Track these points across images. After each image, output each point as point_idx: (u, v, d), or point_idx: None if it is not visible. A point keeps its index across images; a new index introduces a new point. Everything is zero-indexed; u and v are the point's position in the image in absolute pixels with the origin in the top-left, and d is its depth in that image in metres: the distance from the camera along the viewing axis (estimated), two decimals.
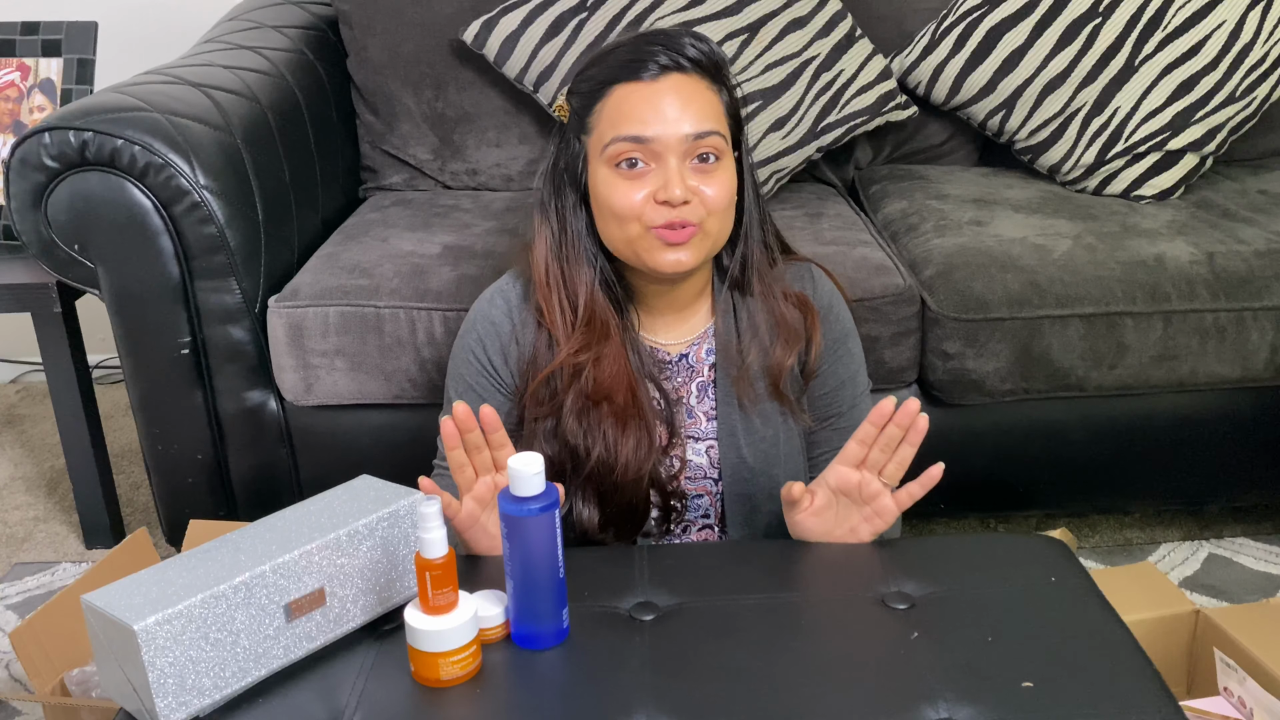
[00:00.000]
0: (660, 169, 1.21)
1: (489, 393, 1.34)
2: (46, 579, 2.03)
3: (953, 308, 1.76)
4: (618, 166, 1.22)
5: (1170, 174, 2.07)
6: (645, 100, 1.21)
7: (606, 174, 1.23)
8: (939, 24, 2.18)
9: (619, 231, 1.25)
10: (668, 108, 1.21)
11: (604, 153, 1.23)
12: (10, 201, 1.73)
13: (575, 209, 1.29)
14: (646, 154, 1.21)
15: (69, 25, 2.12)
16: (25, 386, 2.82)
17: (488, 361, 1.34)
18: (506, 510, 1.03)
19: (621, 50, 1.24)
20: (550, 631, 1.06)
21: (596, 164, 1.25)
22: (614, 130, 1.22)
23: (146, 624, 0.93)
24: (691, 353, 1.36)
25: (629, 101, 1.21)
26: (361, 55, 2.19)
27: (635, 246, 1.24)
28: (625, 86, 1.22)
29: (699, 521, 1.39)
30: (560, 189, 1.29)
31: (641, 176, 1.22)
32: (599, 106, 1.23)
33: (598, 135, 1.24)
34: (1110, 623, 1.09)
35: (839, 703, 0.98)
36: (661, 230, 1.22)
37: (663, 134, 1.20)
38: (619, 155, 1.22)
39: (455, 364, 1.37)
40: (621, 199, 1.22)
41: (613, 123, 1.22)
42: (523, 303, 1.34)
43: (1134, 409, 1.86)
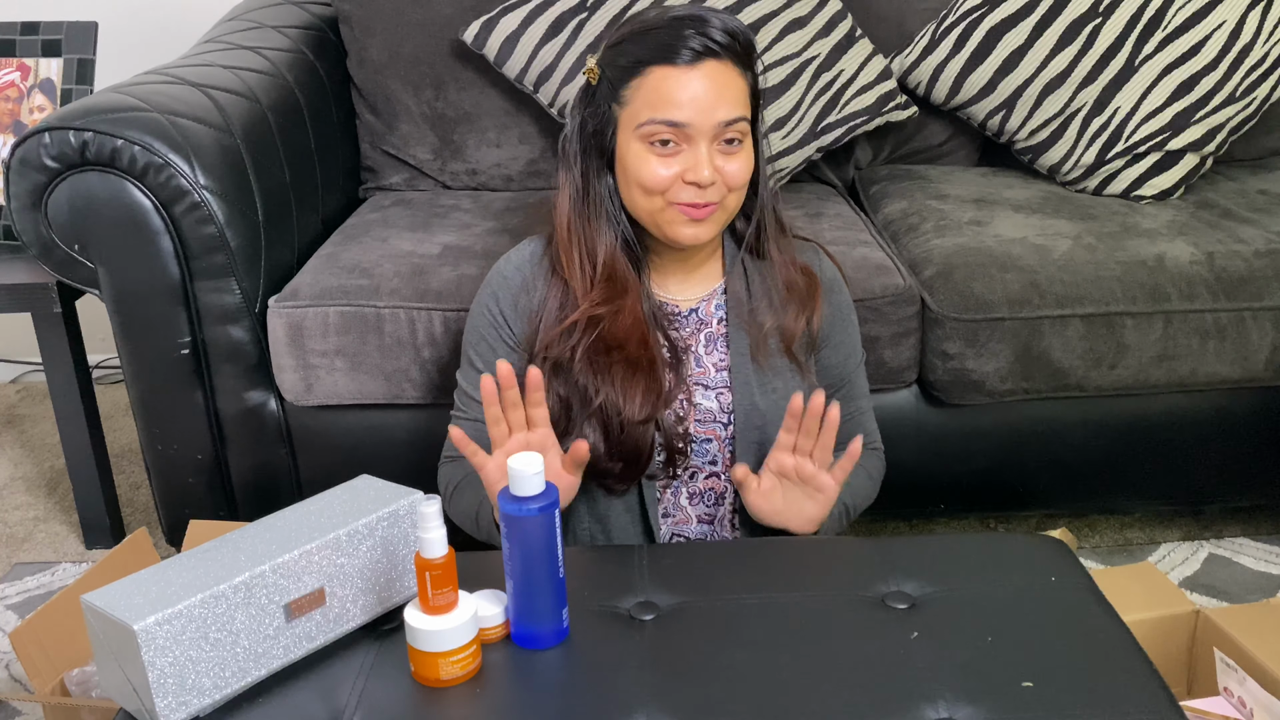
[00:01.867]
0: (690, 150, 1.28)
1: (498, 344, 1.40)
2: (46, 579, 2.03)
3: (953, 308, 1.76)
4: (650, 144, 1.28)
5: (1170, 174, 2.07)
6: (682, 86, 1.26)
7: (639, 149, 1.29)
8: (939, 24, 2.18)
9: (644, 202, 1.31)
10: (703, 95, 1.26)
11: (638, 129, 1.28)
12: (10, 201, 1.73)
13: (600, 172, 1.34)
14: (679, 135, 1.28)
15: (69, 25, 2.12)
16: (25, 386, 2.82)
17: (499, 314, 1.40)
18: (506, 510, 1.03)
19: (661, 31, 1.27)
20: (550, 631, 1.06)
21: (628, 136, 1.30)
22: (650, 111, 1.27)
23: (146, 624, 0.93)
24: (701, 307, 1.41)
25: (666, 85, 1.26)
26: (361, 55, 2.19)
27: (657, 218, 1.32)
28: (663, 69, 1.26)
29: (706, 469, 1.41)
30: (587, 150, 1.34)
31: (673, 155, 1.28)
32: (635, 83, 1.28)
33: (632, 111, 1.29)
34: (1110, 623, 1.09)
35: (839, 703, 0.98)
36: (685, 207, 1.29)
37: (696, 120, 1.26)
38: (653, 135, 1.28)
39: (471, 319, 1.43)
40: (651, 175, 1.29)
41: (649, 103, 1.27)
42: (536, 259, 1.40)
43: (1134, 409, 1.85)
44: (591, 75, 1.33)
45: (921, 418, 1.85)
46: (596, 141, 1.33)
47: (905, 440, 1.82)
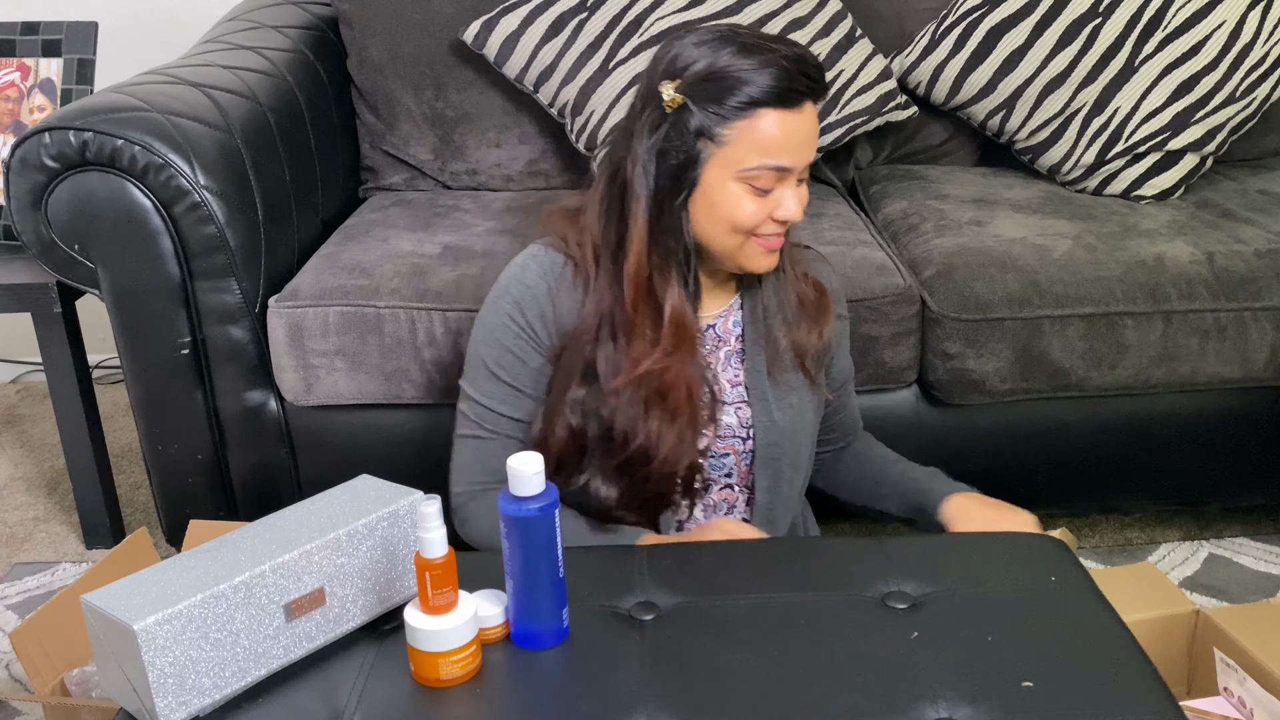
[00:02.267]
0: (781, 189, 1.27)
1: (528, 354, 1.35)
2: (46, 579, 2.03)
3: (953, 308, 1.76)
4: (751, 186, 1.26)
5: (1170, 174, 2.07)
6: (794, 131, 1.24)
7: (737, 190, 1.26)
8: (939, 24, 2.18)
9: (727, 239, 1.29)
10: (806, 138, 1.26)
11: (741, 172, 1.25)
12: (10, 201, 1.73)
13: (675, 206, 1.29)
14: (778, 178, 1.26)
15: (69, 25, 2.12)
16: (25, 386, 2.82)
17: (526, 325, 1.35)
18: (506, 510, 1.03)
19: (767, 71, 1.22)
20: (550, 631, 1.06)
21: (723, 175, 1.26)
22: (760, 157, 1.24)
23: (146, 624, 0.93)
24: (719, 324, 1.40)
25: (780, 130, 1.23)
26: (361, 55, 2.19)
27: (734, 252, 1.30)
28: (774, 113, 1.23)
29: (721, 481, 1.42)
30: (662, 182, 1.28)
31: (767, 197, 1.27)
32: (742, 124, 1.23)
33: (734, 152, 1.24)
34: (1110, 623, 1.09)
35: (839, 703, 0.98)
36: (766, 240, 1.29)
37: (799, 163, 1.26)
38: (756, 180, 1.25)
39: (488, 330, 1.37)
40: (747, 217, 1.27)
41: (760, 149, 1.24)
42: (557, 269, 1.35)
43: (1134, 409, 1.85)
44: (671, 104, 1.25)
45: (921, 418, 1.85)
46: (677, 174, 1.27)
47: (905, 440, 1.81)
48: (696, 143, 1.25)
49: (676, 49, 1.27)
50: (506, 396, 1.36)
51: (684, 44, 1.27)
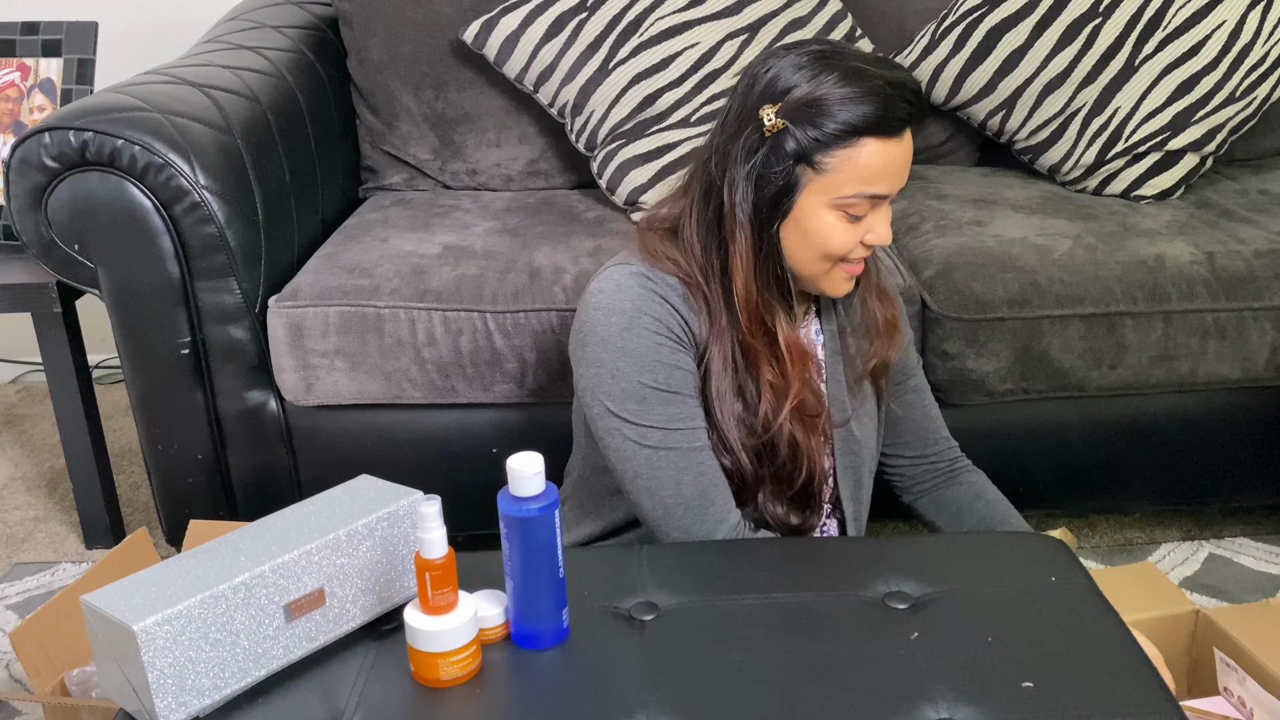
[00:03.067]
0: (875, 213, 1.26)
1: (686, 362, 1.29)
2: (46, 579, 2.03)
3: (953, 308, 1.76)
4: (847, 214, 1.24)
5: (1170, 174, 2.07)
6: (895, 159, 1.23)
7: (833, 217, 1.24)
8: (939, 24, 2.18)
9: (815, 265, 1.28)
10: (904, 166, 1.25)
11: (838, 200, 1.23)
12: (10, 201, 1.73)
13: (772, 233, 1.27)
14: (873, 205, 1.25)
15: (69, 25, 2.12)
16: (25, 386, 2.82)
17: (673, 335, 1.28)
18: (506, 510, 1.03)
19: (872, 98, 1.20)
20: (550, 631, 1.06)
21: (819, 201, 1.24)
22: (860, 185, 1.22)
23: (146, 624, 0.93)
24: (803, 334, 1.40)
25: (882, 159, 1.22)
26: (361, 55, 2.19)
27: (819, 277, 1.29)
28: (878, 142, 1.21)
29: None
30: (760, 207, 1.26)
31: (860, 223, 1.26)
32: (845, 152, 1.21)
33: (834, 180, 1.23)
34: (1110, 623, 1.09)
35: (839, 703, 0.98)
36: (851, 265, 1.28)
37: (894, 190, 1.25)
38: (853, 207, 1.24)
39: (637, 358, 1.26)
40: (842, 245, 1.26)
41: (861, 178, 1.22)
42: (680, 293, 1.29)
43: (1134, 409, 1.85)
44: (772, 129, 1.23)
45: None
46: (775, 200, 1.25)
47: None
48: (795, 168, 1.23)
49: (775, 69, 1.24)
50: (688, 410, 1.29)
51: (783, 65, 1.24)
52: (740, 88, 1.28)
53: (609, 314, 1.27)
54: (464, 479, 1.81)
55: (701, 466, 1.28)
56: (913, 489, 1.54)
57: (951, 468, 1.53)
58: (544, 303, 1.74)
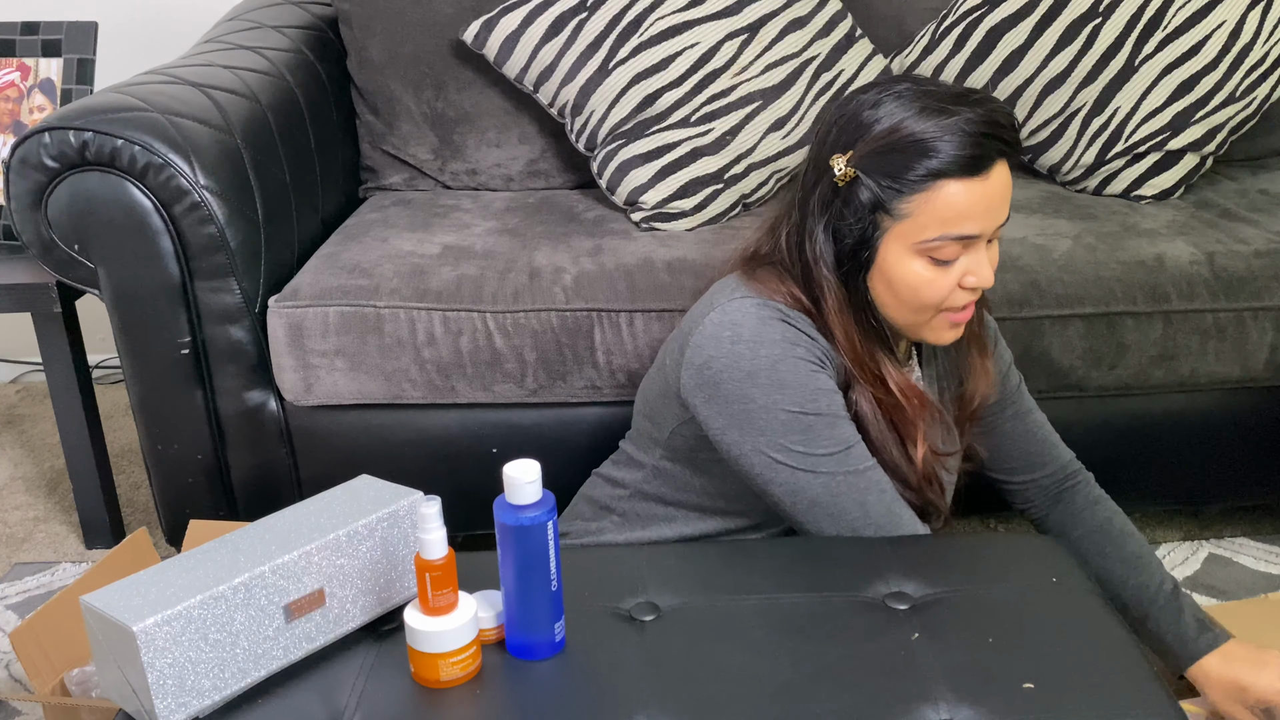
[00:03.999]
0: (970, 254, 1.20)
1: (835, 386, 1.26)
2: (46, 579, 2.03)
3: None
4: (932, 259, 1.19)
5: (1170, 174, 2.07)
6: (981, 199, 1.16)
7: (919, 264, 1.19)
8: (939, 24, 2.18)
9: (911, 315, 1.23)
10: (995, 204, 1.17)
11: (921, 245, 1.18)
12: (10, 201, 1.73)
13: (861, 283, 1.23)
14: (964, 246, 1.19)
15: (69, 25, 2.12)
16: (25, 386, 2.82)
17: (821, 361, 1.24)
18: (501, 519, 1.02)
19: (954, 141, 1.14)
20: (543, 643, 1.05)
21: (902, 248, 1.19)
22: (942, 228, 1.17)
23: (145, 625, 0.93)
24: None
25: (964, 200, 1.16)
26: (361, 55, 2.19)
27: (919, 327, 1.25)
28: (959, 183, 1.15)
29: None
30: (842, 258, 1.22)
31: (952, 266, 1.20)
32: (923, 196, 1.16)
33: (915, 225, 1.17)
34: (1110, 623, 1.09)
35: (839, 703, 0.98)
36: (955, 314, 1.23)
37: (987, 229, 1.19)
38: (939, 251, 1.19)
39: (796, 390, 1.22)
40: (934, 292, 1.20)
41: (942, 220, 1.16)
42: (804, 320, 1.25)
43: (1134, 409, 1.85)
44: (843, 179, 1.19)
45: None
46: (855, 250, 1.21)
47: None
48: (871, 217, 1.19)
49: (850, 112, 1.19)
50: (852, 431, 1.25)
51: (858, 105, 1.19)
52: (818, 135, 1.23)
53: (755, 347, 1.22)
54: (464, 479, 1.81)
55: (881, 484, 1.25)
56: (1031, 513, 1.55)
57: (1060, 486, 1.51)
58: (544, 303, 1.74)
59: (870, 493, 1.25)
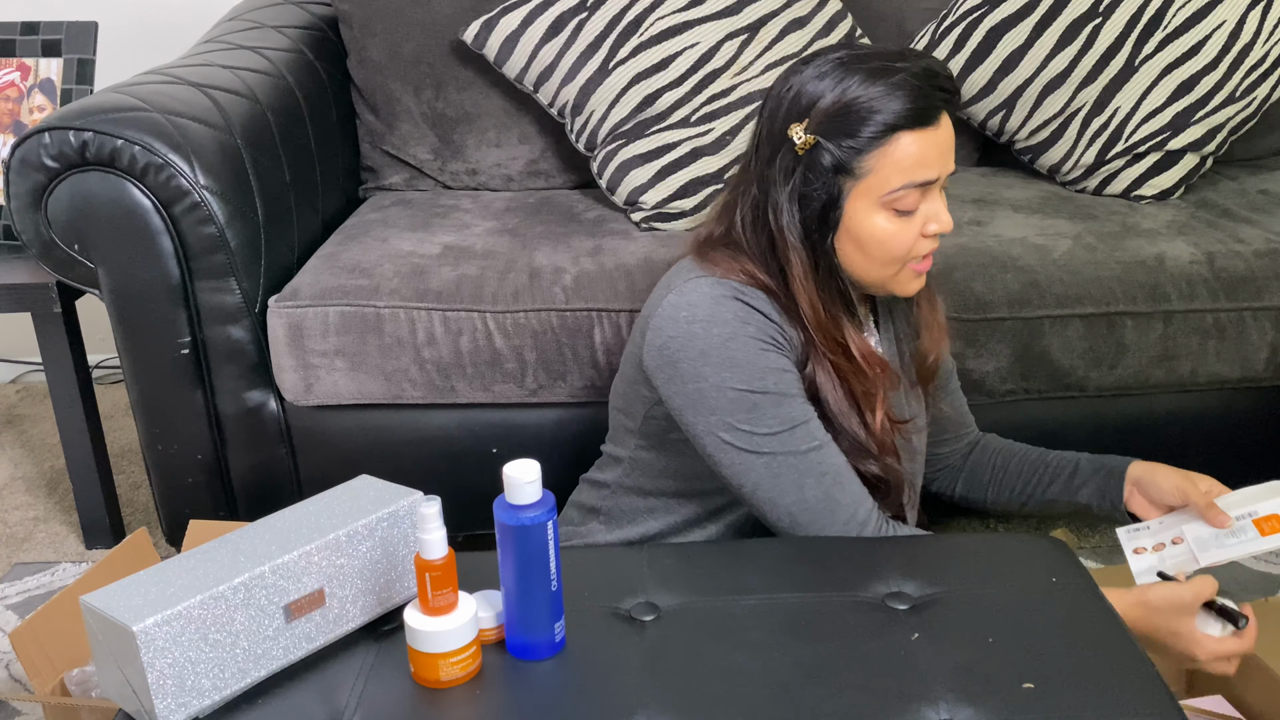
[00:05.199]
0: (927, 202, 1.25)
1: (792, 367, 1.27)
2: (46, 579, 2.03)
3: (953, 308, 1.76)
4: (895, 211, 1.24)
5: (1170, 174, 2.07)
6: (933, 145, 1.22)
7: (884, 218, 1.24)
8: (939, 24, 2.18)
9: (881, 270, 1.27)
10: (945, 149, 1.23)
11: (884, 198, 1.23)
12: (10, 201, 1.73)
13: (826, 249, 1.27)
14: (922, 194, 1.24)
15: (69, 25, 2.12)
16: (25, 386, 2.82)
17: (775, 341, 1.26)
18: (501, 519, 1.02)
19: (902, 96, 1.19)
20: (543, 643, 1.05)
21: (867, 205, 1.23)
22: (903, 177, 1.21)
23: (145, 625, 0.93)
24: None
25: (919, 148, 1.21)
26: (361, 55, 2.19)
27: (888, 281, 1.28)
28: (912, 134, 1.21)
29: None
30: (809, 225, 1.26)
31: (913, 216, 1.25)
32: (881, 151, 1.21)
33: (877, 180, 1.22)
34: (1110, 623, 1.09)
35: (839, 703, 0.98)
36: (919, 264, 1.27)
37: (942, 174, 1.24)
38: (901, 201, 1.23)
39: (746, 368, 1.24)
40: (901, 244, 1.25)
41: (901, 170, 1.21)
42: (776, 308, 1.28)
43: (1134, 409, 1.85)
44: (804, 147, 1.23)
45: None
46: (821, 215, 1.25)
47: None
48: (835, 180, 1.23)
49: (797, 85, 1.24)
50: (800, 409, 1.26)
51: (804, 79, 1.23)
52: (766, 110, 1.27)
53: (708, 327, 1.25)
54: (464, 479, 1.81)
55: (822, 466, 1.26)
56: (944, 477, 1.58)
57: (971, 447, 1.58)
58: (544, 303, 1.74)
59: (809, 476, 1.25)
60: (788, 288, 1.27)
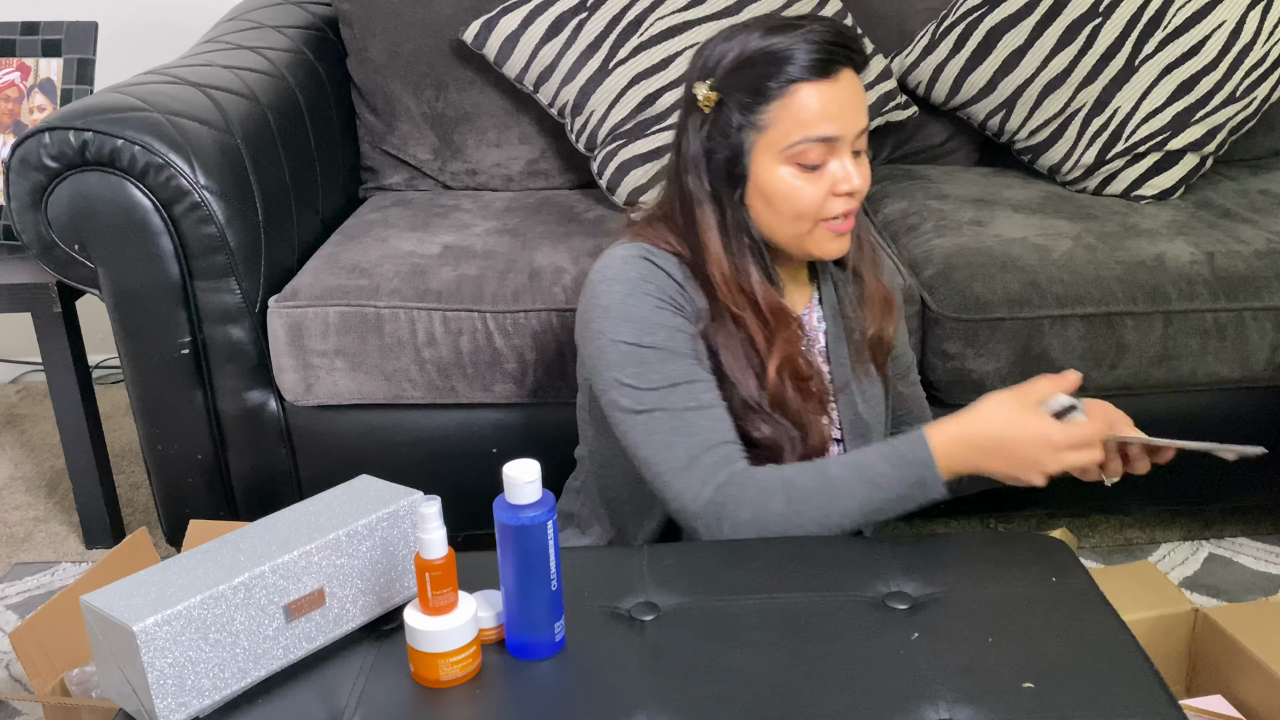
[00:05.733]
0: (836, 162, 1.25)
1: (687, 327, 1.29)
2: (46, 579, 2.03)
3: (953, 308, 1.76)
4: (799, 166, 1.25)
5: (1170, 174, 2.07)
6: (833, 100, 1.23)
7: (788, 173, 1.25)
8: (939, 24, 2.18)
9: (792, 227, 1.28)
10: (846, 106, 1.24)
11: (786, 151, 1.24)
12: (10, 201, 1.73)
13: (735, 201, 1.29)
14: (827, 151, 1.25)
15: (69, 25, 2.12)
16: (25, 386, 2.82)
17: (673, 302, 1.28)
18: (501, 519, 1.02)
19: (796, 48, 1.22)
20: (543, 643, 1.05)
21: (770, 159, 1.25)
22: (803, 130, 1.23)
23: (145, 625, 0.93)
24: (805, 319, 1.40)
25: (818, 102, 1.22)
26: (361, 55, 2.19)
27: (804, 240, 1.29)
28: (810, 85, 1.22)
29: None
30: (717, 181, 1.28)
31: (818, 173, 1.25)
32: (779, 104, 1.23)
33: (777, 133, 1.24)
34: (1110, 623, 1.09)
35: (839, 703, 0.98)
36: (834, 223, 1.27)
37: (845, 131, 1.24)
38: (803, 155, 1.24)
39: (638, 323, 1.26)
40: (806, 199, 1.25)
41: (800, 123, 1.23)
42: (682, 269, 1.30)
43: (1134, 409, 1.84)
44: (708, 103, 1.26)
45: None
46: (728, 170, 1.27)
47: None
48: (739, 135, 1.25)
49: (708, 49, 1.28)
50: (686, 368, 1.26)
51: (714, 42, 1.27)
52: (685, 76, 1.31)
53: (612, 284, 1.28)
54: (464, 479, 1.80)
55: (693, 427, 1.24)
56: None
57: None
58: (544, 303, 1.74)
59: (678, 434, 1.24)
60: (697, 250, 1.29)
